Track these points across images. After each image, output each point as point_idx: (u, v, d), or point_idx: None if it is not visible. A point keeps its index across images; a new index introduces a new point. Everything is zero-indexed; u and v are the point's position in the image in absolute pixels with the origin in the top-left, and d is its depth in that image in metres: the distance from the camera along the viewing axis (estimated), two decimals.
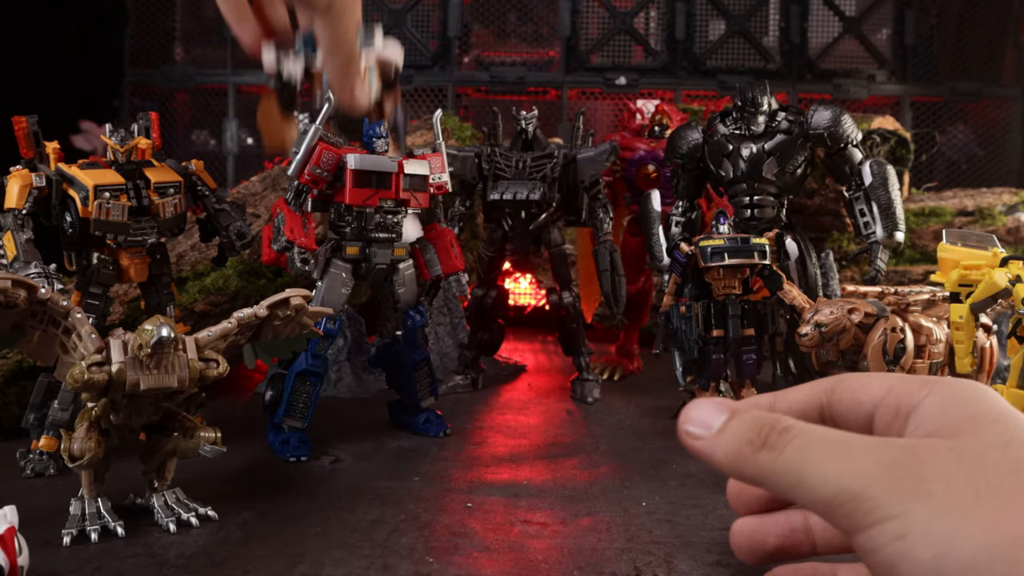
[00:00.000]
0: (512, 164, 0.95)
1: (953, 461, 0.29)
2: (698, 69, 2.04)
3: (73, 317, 0.59)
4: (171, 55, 2.23)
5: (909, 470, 0.29)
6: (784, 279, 0.81)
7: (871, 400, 0.34)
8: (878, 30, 2.10)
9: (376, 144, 0.83)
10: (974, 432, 0.30)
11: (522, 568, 0.53)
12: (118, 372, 0.57)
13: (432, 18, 2.10)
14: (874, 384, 0.34)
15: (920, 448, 0.30)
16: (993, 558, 0.27)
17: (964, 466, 0.29)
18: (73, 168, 0.76)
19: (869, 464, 0.29)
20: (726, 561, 0.55)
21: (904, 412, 0.32)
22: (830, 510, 0.30)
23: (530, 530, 0.60)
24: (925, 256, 1.46)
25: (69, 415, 0.70)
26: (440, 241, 0.89)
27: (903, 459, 0.29)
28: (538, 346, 1.41)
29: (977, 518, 0.27)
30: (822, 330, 0.70)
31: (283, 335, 0.68)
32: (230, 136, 2.18)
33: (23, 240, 0.72)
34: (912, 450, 0.30)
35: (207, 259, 1.06)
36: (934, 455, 0.29)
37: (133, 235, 0.76)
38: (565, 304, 1.00)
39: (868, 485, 0.29)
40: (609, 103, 2.10)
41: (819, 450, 0.30)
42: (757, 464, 0.31)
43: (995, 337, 0.81)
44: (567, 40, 2.05)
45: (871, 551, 0.29)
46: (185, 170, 0.81)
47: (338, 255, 0.84)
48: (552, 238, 0.98)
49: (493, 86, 2.07)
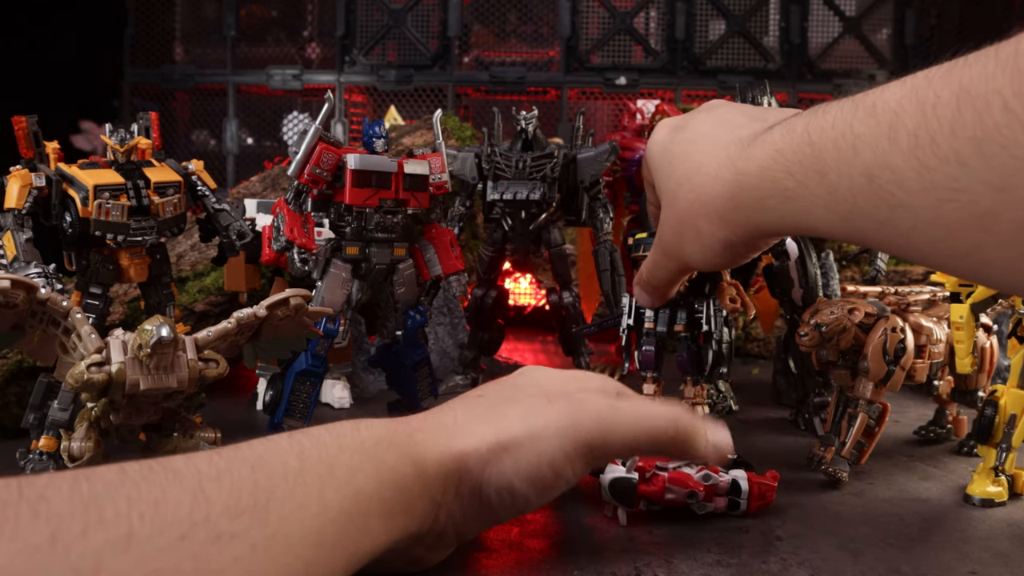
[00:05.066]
0: (512, 164, 0.95)
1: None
2: (698, 69, 2.04)
3: (73, 317, 0.59)
4: (171, 55, 2.23)
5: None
6: (725, 278, 0.80)
7: None
8: (878, 30, 2.10)
9: (376, 144, 0.83)
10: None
11: (522, 568, 0.53)
12: (118, 372, 0.57)
13: (432, 18, 2.11)
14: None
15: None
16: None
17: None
18: (73, 168, 0.76)
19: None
20: (726, 561, 0.55)
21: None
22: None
23: (530, 530, 0.60)
24: None
25: (69, 415, 0.70)
26: (440, 241, 0.89)
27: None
28: (538, 346, 1.41)
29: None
30: (822, 330, 0.70)
31: (283, 335, 0.68)
32: (230, 136, 2.18)
33: (23, 240, 0.72)
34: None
35: (207, 259, 1.06)
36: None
37: (133, 235, 0.76)
38: (565, 304, 1.00)
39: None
40: (609, 103, 2.10)
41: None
42: None
43: (995, 337, 0.81)
44: (567, 40, 2.05)
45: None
46: (185, 170, 0.81)
47: (338, 255, 0.85)
48: (552, 238, 0.98)
49: (493, 86, 2.07)
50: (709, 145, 0.57)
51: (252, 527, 0.36)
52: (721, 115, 0.60)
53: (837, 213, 0.45)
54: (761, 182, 0.50)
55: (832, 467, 0.71)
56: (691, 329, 0.80)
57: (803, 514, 0.64)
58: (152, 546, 0.33)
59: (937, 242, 0.40)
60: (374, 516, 0.42)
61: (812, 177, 0.46)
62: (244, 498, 0.37)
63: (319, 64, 2.23)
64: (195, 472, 0.37)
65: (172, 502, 0.35)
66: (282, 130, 2.28)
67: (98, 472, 0.36)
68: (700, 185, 0.56)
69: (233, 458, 0.39)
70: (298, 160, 0.81)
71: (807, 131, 0.47)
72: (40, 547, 0.31)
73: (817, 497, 0.69)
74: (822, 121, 0.46)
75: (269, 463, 0.40)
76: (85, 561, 0.31)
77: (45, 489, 0.33)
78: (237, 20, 2.19)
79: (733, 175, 0.53)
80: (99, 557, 0.31)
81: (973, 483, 0.68)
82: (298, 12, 2.28)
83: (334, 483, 0.41)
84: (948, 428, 0.86)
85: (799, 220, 0.49)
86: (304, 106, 2.25)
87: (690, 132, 0.60)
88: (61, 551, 0.31)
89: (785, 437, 0.88)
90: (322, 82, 2.17)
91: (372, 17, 2.14)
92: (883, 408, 0.72)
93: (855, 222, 0.44)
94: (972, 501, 0.67)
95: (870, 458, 0.74)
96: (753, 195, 0.52)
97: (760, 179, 0.51)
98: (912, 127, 0.39)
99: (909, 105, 0.39)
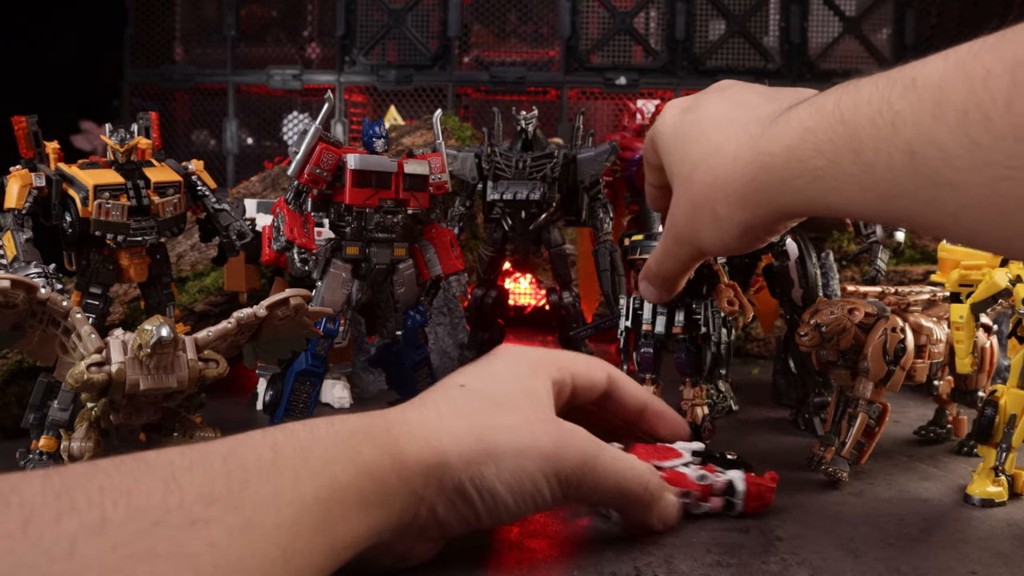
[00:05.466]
0: (512, 164, 0.95)
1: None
2: (698, 69, 2.04)
3: (73, 317, 0.59)
4: (171, 55, 2.23)
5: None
6: (723, 277, 0.80)
7: None
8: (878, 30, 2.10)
9: (376, 144, 0.83)
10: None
11: (522, 568, 0.53)
12: (118, 372, 0.57)
13: (432, 18, 2.11)
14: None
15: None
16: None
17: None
18: (73, 168, 0.76)
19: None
20: (726, 561, 0.55)
21: None
22: None
23: (530, 530, 0.60)
24: (925, 256, 1.46)
25: (69, 415, 0.70)
26: (440, 241, 0.89)
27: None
28: (538, 346, 1.41)
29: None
30: (822, 330, 0.70)
31: (283, 335, 0.68)
32: (230, 136, 2.18)
33: (23, 240, 0.72)
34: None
35: (207, 259, 1.06)
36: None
37: (133, 235, 0.76)
38: (565, 304, 1.00)
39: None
40: (609, 103, 2.10)
41: None
42: None
43: (995, 337, 0.81)
44: (567, 40, 2.05)
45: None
46: (185, 170, 0.81)
47: (338, 255, 0.85)
48: (552, 238, 0.98)
49: (493, 86, 2.07)
50: (726, 125, 0.55)
51: (227, 513, 0.36)
52: (735, 95, 0.59)
53: (874, 193, 0.44)
54: (787, 162, 0.49)
55: (832, 467, 0.71)
56: (689, 330, 0.80)
57: (803, 514, 0.64)
58: (126, 531, 0.33)
59: (988, 222, 0.39)
60: (352, 506, 0.42)
61: (846, 156, 0.44)
62: (217, 487, 0.37)
63: (319, 64, 2.24)
64: (167, 463, 0.37)
65: (145, 490, 0.35)
66: (282, 130, 2.28)
67: (70, 466, 0.36)
68: (718, 167, 0.54)
69: (206, 450, 0.39)
70: (298, 160, 0.81)
71: (839, 108, 0.45)
72: (12, 533, 0.31)
73: (817, 497, 0.69)
74: (855, 97, 0.44)
75: (242, 454, 0.40)
76: (59, 546, 0.31)
77: (17, 482, 0.33)
78: (237, 20, 2.19)
79: (755, 156, 0.52)
80: (73, 542, 0.32)
81: (973, 483, 0.68)
82: (298, 12, 2.28)
83: (308, 473, 0.41)
84: (948, 428, 0.86)
85: (829, 201, 0.47)
86: (304, 106, 2.25)
87: (702, 113, 0.59)
88: (34, 537, 0.31)
89: (785, 437, 0.88)
90: (322, 82, 2.17)
91: (372, 17, 2.14)
92: (883, 408, 0.72)
93: (895, 202, 0.43)
94: (972, 501, 0.67)
95: (870, 458, 0.74)
96: (778, 176, 0.50)
97: (786, 159, 0.49)
98: (960, 103, 0.38)
99: (955, 79, 0.38)
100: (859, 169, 0.44)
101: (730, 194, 0.54)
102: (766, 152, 0.51)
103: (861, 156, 0.43)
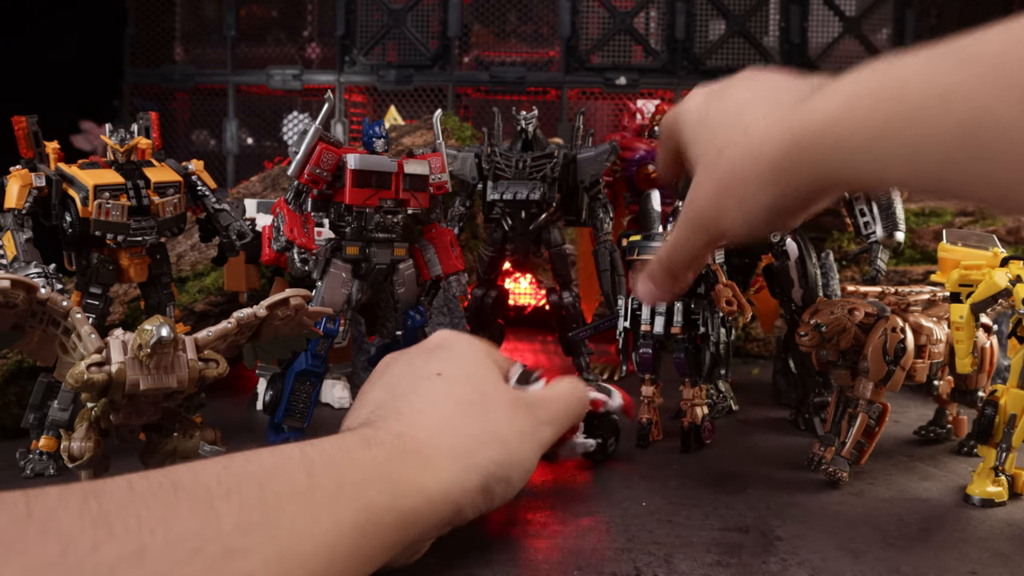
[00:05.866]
0: (512, 164, 0.95)
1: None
2: (698, 69, 2.04)
3: (73, 317, 0.59)
4: (171, 55, 2.23)
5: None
6: (721, 277, 0.80)
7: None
8: (878, 30, 2.10)
9: (376, 144, 0.83)
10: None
11: (522, 568, 0.53)
12: (118, 372, 0.56)
13: (432, 18, 2.10)
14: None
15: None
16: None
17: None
18: (73, 168, 0.76)
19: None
20: (726, 561, 0.55)
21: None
22: None
23: (530, 530, 0.60)
24: (925, 256, 1.46)
25: (69, 415, 0.70)
26: (440, 241, 0.89)
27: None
28: (538, 346, 1.41)
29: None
30: (822, 330, 0.70)
31: (283, 335, 0.67)
32: (230, 136, 2.18)
33: (23, 240, 0.72)
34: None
35: (207, 259, 1.06)
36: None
37: (133, 235, 0.76)
38: (565, 304, 1.00)
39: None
40: (609, 103, 2.10)
41: None
42: None
43: (995, 337, 0.81)
44: (567, 40, 2.05)
45: None
46: (185, 170, 0.81)
47: (338, 255, 0.85)
48: (552, 238, 0.98)
49: (493, 86, 2.07)
50: (755, 106, 0.54)
51: (264, 543, 0.37)
52: (763, 80, 0.58)
53: (922, 168, 0.42)
54: (824, 138, 0.48)
55: (832, 467, 0.71)
56: (688, 331, 0.80)
57: (803, 514, 0.64)
58: (166, 560, 0.33)
59: None
60: (391, 527, 0.43)
61: (891, 131, 0.43)
62: (255, 516, 0.37)
63: (319, 64, 2.23)
64: (204, 490, 0.38)
65: (183, 518, 0.35)
66: (282, 130, 2.28)
67: (107, 489, 0.36)
68: (746, 146, 0.53)
69: (242, 475, 0.40)
70: (298, 160, 0.81)
71: (883, 84, 0.44)
72: (51, 563, 0.31)
73: (817, 497, 0.69)
74: (902, 71, 0.43)
75: (278, 480, 0.41)
76: (99, 574, 0.31)
77: (54, 508, 0.33)
78: (237, 20, 2.19)
79: (788, 132, 0.50)
80: (112, 571, 0.32)
81: (973, 483, 0.68)
82: (298, 12, 2.28)
83: (344, 499, 0.42)
84: (948, 428, 0.86)
85: (869, 176, 0.46)
86: (304, 106, 2.25)
87: (728, 101, 0.58)
88: (73, 566, 0.31)
89: (785, 437, 0.88)
90: (322, 82, 2.17)
91: (372, 17, 2.14)
92: (883, 408, 0.72)
93: (947, 175, 0.41)
94: (972, 501, 0.67)
95: (870, 458, 0.74)
96: (812, 153, 0.49)
97: (823, 135, 0.48)
98: (1022, 77, 0.37)
99: (1016, 53, 0.37)
100: (907, 144, 0.42)
101: (761, 172, 0.52)
102: (800, 129, 0.50)
103: (910, 130, 0.42)
